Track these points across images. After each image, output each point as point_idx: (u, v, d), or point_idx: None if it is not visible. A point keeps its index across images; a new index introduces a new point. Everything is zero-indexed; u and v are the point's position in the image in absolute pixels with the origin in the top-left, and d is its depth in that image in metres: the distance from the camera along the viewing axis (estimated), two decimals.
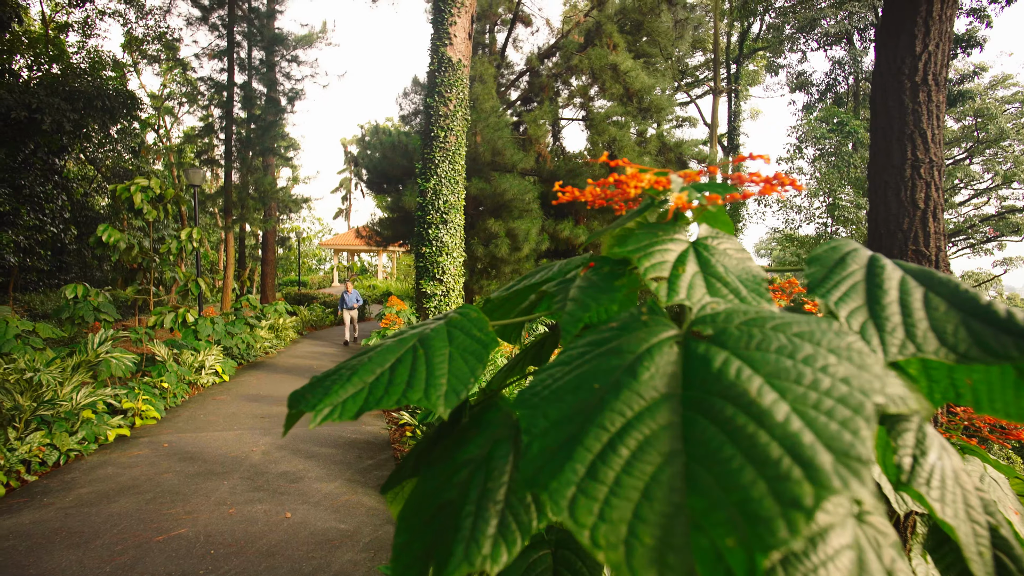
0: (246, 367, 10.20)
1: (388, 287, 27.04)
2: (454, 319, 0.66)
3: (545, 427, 0.44)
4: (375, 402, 0.56)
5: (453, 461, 0.55)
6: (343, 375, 0.61)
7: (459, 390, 0.54)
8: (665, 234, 0.61)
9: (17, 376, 4.58)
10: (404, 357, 0.61)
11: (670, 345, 0.47)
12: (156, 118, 24.33)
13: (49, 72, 16.92)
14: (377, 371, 0.60)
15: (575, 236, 14.15)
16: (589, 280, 0.62)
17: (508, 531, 0.47)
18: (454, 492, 0.52)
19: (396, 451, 5.08)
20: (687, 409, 0.42)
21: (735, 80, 24.73)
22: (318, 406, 0.57)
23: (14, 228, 14.35)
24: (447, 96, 7.85)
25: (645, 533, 0.38)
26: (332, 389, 0.59)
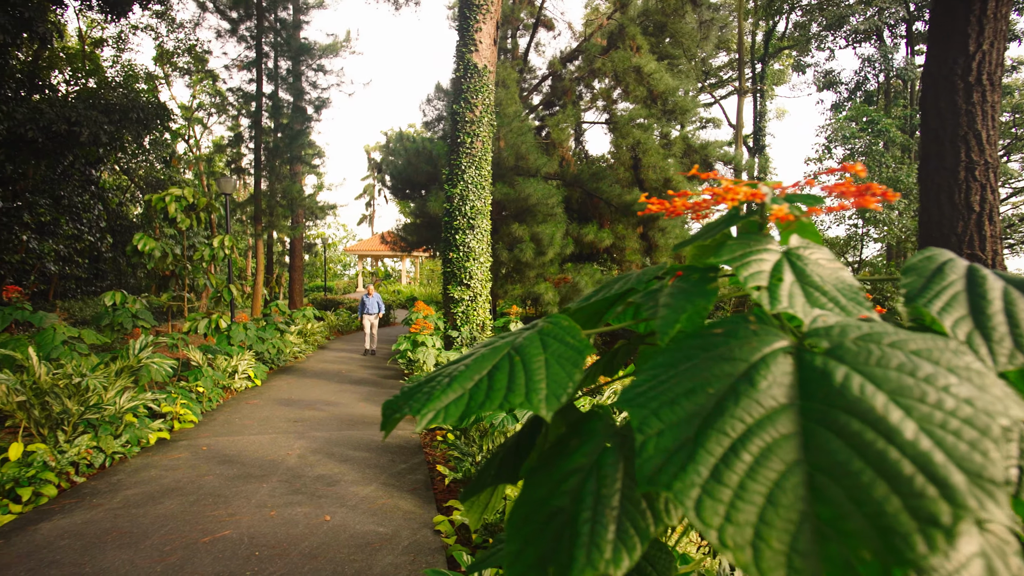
0: (277, 372, 10.38)
1: (412, 291, 27.26)
2: (546, 328, 0.68)
3: (660, 428, 0.46)
4: (477, 407, 0.58)
5: (559, 469, 0.56)
6: (442, 382, 0.64)
7: (559, 394, 0.56)
8: (757, 244, 0.62)
9: (66, 381, 4.74)
10: (501, 364, 0.63)
11: (784, 355, 0.48)
12: (186, 128, 24.96)
13: (86, 86, 17.49)
14: (475, 377, 0.62)
15: (600, 240, 14.11)
16: (680, 288, 0.63)
17: (627, 536, 0.49)
18: (565, 500, 0.53)
19: (427, 455, 5.12)
20: (807, 420, 0.44)
21: (760, 80, 24.41)
22: (422, 411, 0.60)
23: (54, 237, 14.84)
24: (473, 102, 7.91)
25: (772, 537, 0.39)
26: (434, 395, 0.61)
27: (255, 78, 16.14)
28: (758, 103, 24.63)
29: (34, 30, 10.79)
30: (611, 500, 0.52)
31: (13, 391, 4.61)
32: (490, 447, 3.99)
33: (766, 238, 0.63)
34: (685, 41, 16.88)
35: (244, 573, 2.77)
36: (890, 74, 19.44)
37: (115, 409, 5.05)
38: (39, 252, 13.88)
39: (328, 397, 7.89)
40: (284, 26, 16.53)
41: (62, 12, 14.65)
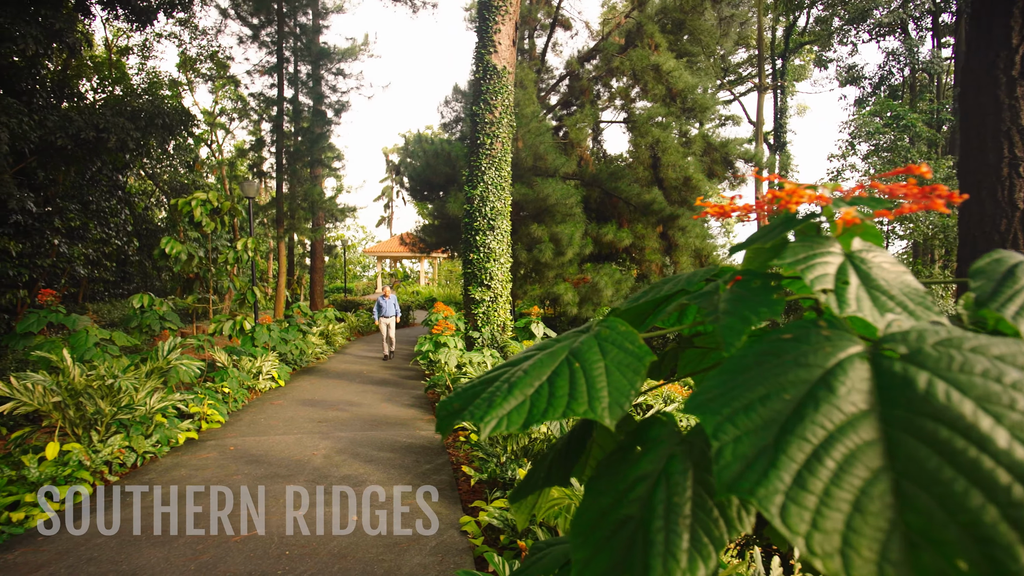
0: (299, 372, 10.50)
1: (430, 292, 27.41)
2: (603, 333, 0.68)
3: (736, 434, 0.46)
4: (540, 415, 0.59)
5: (624, 477, 0.56)
6: (501, 388, 0.64)
7: (622, 402, 0.56)
8: (819, 246, 0.61)
9: (100, 382, 4.85)
10: (560, 370, 0.63)
11: (860, 360, 0.48)
12: (209, 133, 25.38)
13: (112, 93, 17.87)
14: (535, 384, 0.62)
15: (619, 239, 14.04)
16: (741, 293, 0.63)
17: (701, 545, 0.48)
18: (634, 508, 0.53)
19: (451, 455, 5.14)
20: (890, 427, 0.43)
21: (781, 76, 24.10)
22: (485, 418, 0.60)
23: (84, 242, 15.17)
24: (492, 103, 7.93)
25: (862, 546, 0.39)
26: (495, 402, 0.62)
27: (276, 83, 16.37)
28: (778, 99, 24.32)
29: (64, 40, 11.05)
30: (683, 508, 0.51)
31: (49, 392, 4.73)
32: (514, 448, 4.00)
33: (827, 241, 0.62)
34: (704, 38, 16.74)
35: (276, 572, 2.81)
36: (916, 68, 19.05)
37: (146, 410, 5.15)
38: (69, 256, 14.21)
39: (351, 398, 7.96)
40: (304, 31, 16.73)
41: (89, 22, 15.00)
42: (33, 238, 13.04)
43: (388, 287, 12.14)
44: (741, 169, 16.51)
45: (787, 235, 0.72)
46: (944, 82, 19.14)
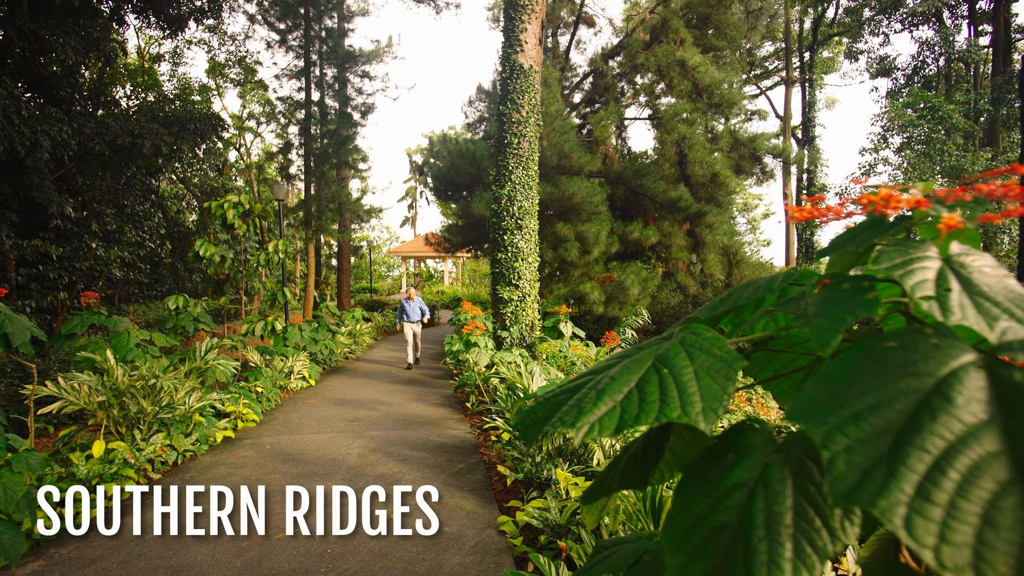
0: (329, 372, 10.65)
1: (456, 292, 27.56)
2: (689, 339, 0.68)
3: (847, 444, 0.46)
4: (632, 419, 0.59)
5: (719, 484, 0.56)
6: (589, 396, 0.64)
7: (715, 407, 0.56)
8: (915, 251, 0.60)
9: (142, 382, 4.99)
10: (648, 376, 0.63)
11: (975, 369, 0.47)
12: (237, 137, 25.88)
13: (146, 100, 18.35)
14: (624, 390, 0.63)
15: (645, 237, 13.93)
16: (831, 295, 0.62)
17: (805, 555, 0.48)
18: (730, 515, 0.53)
19: (483, 455, 5.16)
20: (1015, 438, 0.43)
21: (809, 69, 23.62)
22: (577, 424, 0.61)
23: (119, 245, 15.60)
24: (519, 103, 7.93)
25: (997, 560, 0.38)
26: (585, 408, 0.62)
27: (304, 87, 16.62)
28: (806, 93, 23.85)
29: (101, 49, 11.38)
30: (784, 517, 0.51)
31: (94, 391, 4.88)
32: (549, 448, 4.00)
33: (922, 245, 0.61)
34: (730, 32, 16.50)
35: (319, 569, 2.86)
36: (951, 57, 18.49)
37: (185, 409, 5.28)
38: (106, 259, 14.61)
39: (380, 397, 8.04)
40: (330, 34, 16.96)
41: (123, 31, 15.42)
42: (72, 242, 13.45)
43: (412, 288, 11.12)
44: (769, 165, 16.24)
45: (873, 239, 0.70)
46: (981, 71, 18.53)
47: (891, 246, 0.61)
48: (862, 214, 0.67)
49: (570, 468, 3.67)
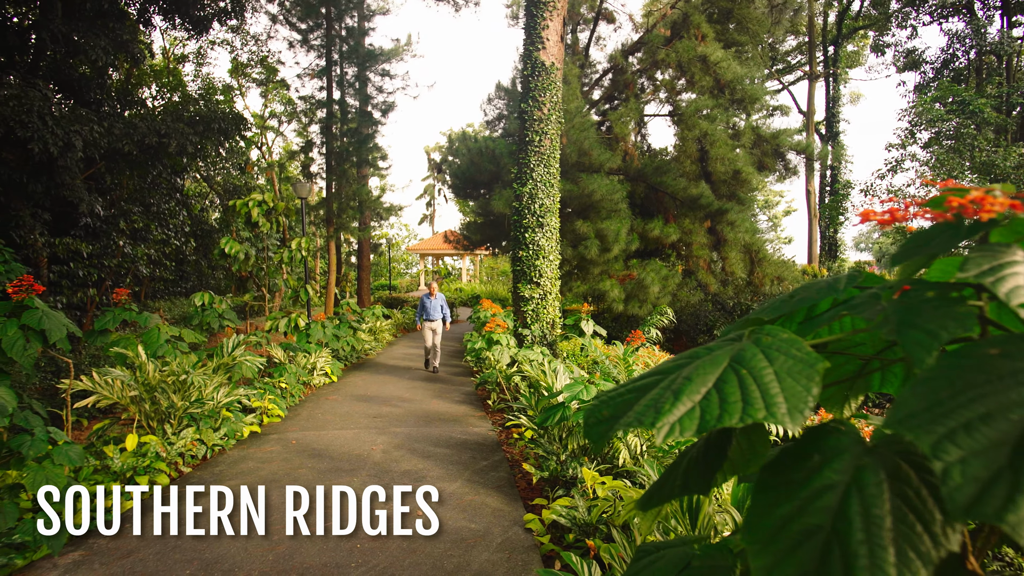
0: (350, 368, 10.75)
1: (474, 289, 27.63)
2: (765, 340, 0.67)
3: (961, 455, 0.45)
4: (714, 420, 0.58)
5: (806, 486, 0.55)
6: (666, 396, 0.64)
7: (801, 408, 0.55)
8: (1004, 256, 0.58)
9: (173, 378, 5.08)
10: (726, 377, 0.62)
11: None
12: (259, 136, 26.20)
13: (171, 100, 18.66)
14: (702, 390, 0.62)
15: (666, 235, 13.82)
16: (914, 303, 0.61)
17: (908, 560, 0.47)
18: (821, 518, 0.52)
19: (506, 452, 5.17)
20: None
21: (833, 63, 23.21)
22: (657, 424, 0.60)
23: (146, 242, 15.91)
24: (541, 100, 7.91)
25: None
26: (663, 409, 0.61)
27: (325, 86, 16.76)
28: (831, 88, 23.43)
29: (128, 51, 11.59)
30: (883, 521, 0.50)
31: (127, 386, 4.99)
32: (575, 447, 3.99)
33: (1008, 249, 0.59)
34: (753, 26, 16.28)
35: (349, 564, 2.89)
36: (983, 50, 17.99)
37: (214, 404, 5.37)
38: (133, 256, 14.90)
39: (402, 394, 8.10)
40: (351, 33, 17.07)
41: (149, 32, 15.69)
42: (101, 240, 13.73)
43: (434, 284, 9.85)
44: (793, 161, 16.00)
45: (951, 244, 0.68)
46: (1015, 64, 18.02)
47: (977, 251, 0.59)
48: (942, 217, 0.65)
49: (596, 467, 3.66)
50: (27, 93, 9.00)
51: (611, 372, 4.14)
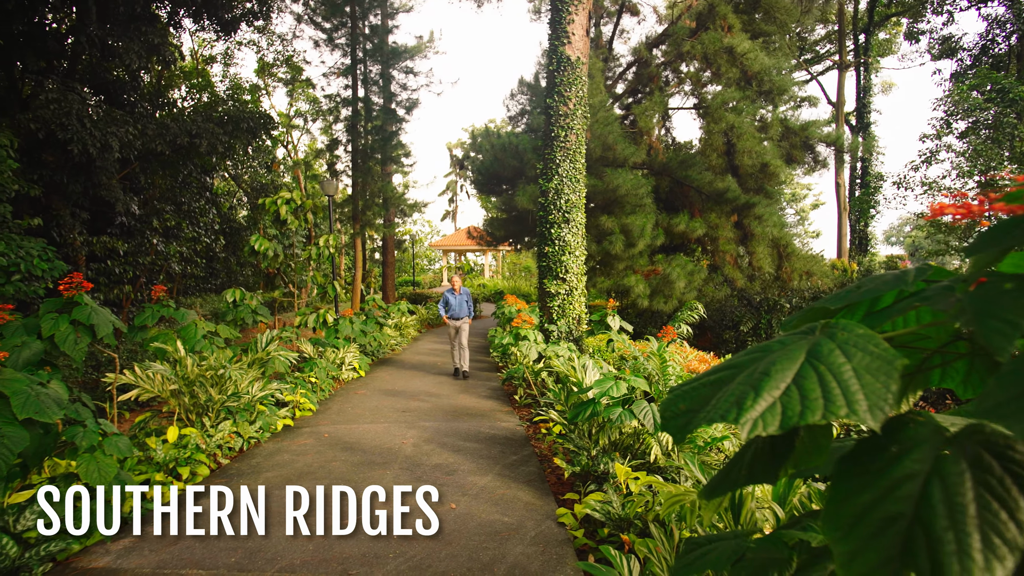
0: (377, 363, 10.88)
1: (497, 285, 27.70)
2: (840, 336, 0.68)
3: None
4: (796, 416, 0.60)
5: (886, 475, 0.57)
6: (747, 392, 0.65)
7: (881, 406, 0.56)
8: None
9: (212, 372, 5.22)
10: (805, 373, 0.64)
11: None
12: (285, 135, 26.59)
13: (200, 100, 19.04)
14: (781, 386, 0.64)
15: (691, 230, 13.68)
16: (991, 294, 0.61)
17: (994, 546, 0.48)
18: (903, 506, 0.54)
19: (535, 447, 5.20)
20: None
21: (864, 52, 22.65)
22: (740, 419, 0.62)
23: (178, 240, 16.30)
24: (566, 95, 7.90)
25: None
26: (745, 405, 0.63)
27: (351, 84, 16.94)
28: (861, 77, 22.87)
29: (160, 53, 11.85)
30: (967, 508, 0.51)
31: (167, 380, 5.14)
32: (605, 443, 4.00)
33: None
34: (780, 16, 15.98)
35: (387, 555, 2.95)
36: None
37: (249, 398, 5.51)
38: (166, 254, 15.28)
39: (429, 388, 8.18)
40: (375, 31, 17.22)
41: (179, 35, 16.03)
42: (135, 238, 14.11)
43: (456, 277, 9.11)
44: (822, 153, 15.70)
45: None
46: None
47: None
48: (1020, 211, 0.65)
49: (628, 462, 3.67)
50: (66, 97, 9.28)
51: (645, 367, 4.14)
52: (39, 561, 2.83)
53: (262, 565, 2.88)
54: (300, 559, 2.94)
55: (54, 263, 8.43)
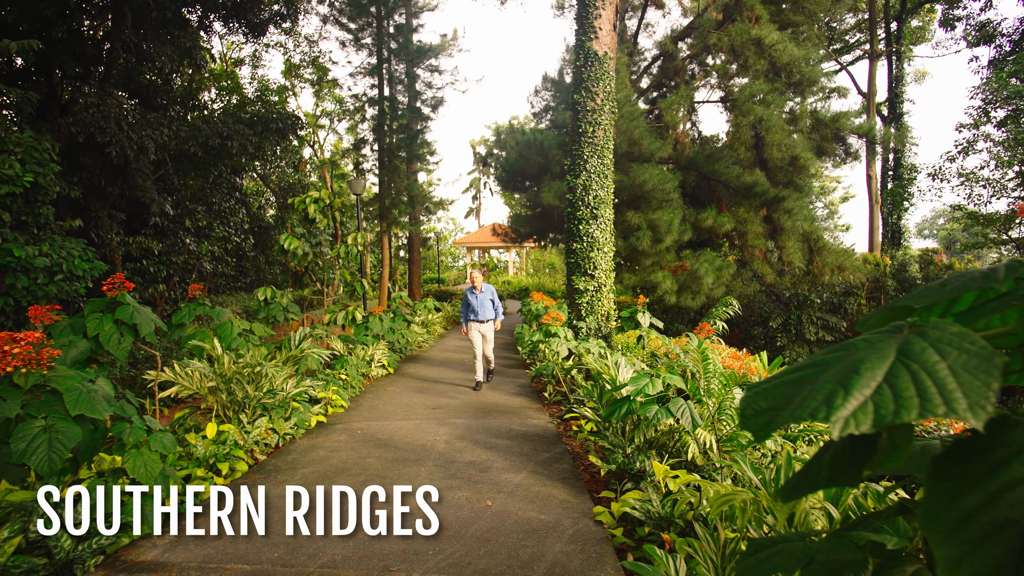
0: (405, 360, 10.97)
1: (521, 282, 27.71)
2: (933, 334, 0.66)
3: None
4: (889, 415, 0.58)
5: (993, 478, 0.55)
6: (833, 390, 0.64)
7: (983, 404, 0.55)
8: None
9: (249, 369, 5.33)
10: (896, 371, 0.62)
11: None
12: (311, 134, 26.94)
13: (229, 102, 19.40)
14: (872, 384, 0.62)
15: (719, 225, 13.50)
16: None
17: None
18: (1014, 511, 0.52)
19: (567, 444, 5.19)
20: None
21: (896, 40, 22.03)
22: (832, 417, 0.61)
23: (209, 240, 16.65)
24: (594, 91, 7.84)
25: None
26: (835, 404, 0.62)
27: (377, 83, 17.09)
28: (893, 66, 22.25)
29: (192, 57, 12.10)
30: None
31: (205, 377, 5.26)
32: (640, 441, 3.98)
33: None
34: (809, 6, 15.64)
35: (427, 552, 2.98)
36: None
37: (284, 395, 5.60)
38: (198, 253, 15.62)
39: (457, 385, 8.22)
40: (400, 31, 17.33)
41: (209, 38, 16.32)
42: (169, 238, 14.44)
43: (476, 272, 7.74)
44: (854, 145, 15.33)
45: None
46: None
47: None
48: None
49: (666, 461, 3.64)
50: (104, 101, 9.53)
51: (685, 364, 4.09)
52: (92, 554, 2.92)
53: (304, 561, 2.93)
54: (341, 555, 2.98)
55: (94, 263, 8.67)
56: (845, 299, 16.40)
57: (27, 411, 2.81)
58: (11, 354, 2.77)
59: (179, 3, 11.37)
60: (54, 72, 10.61)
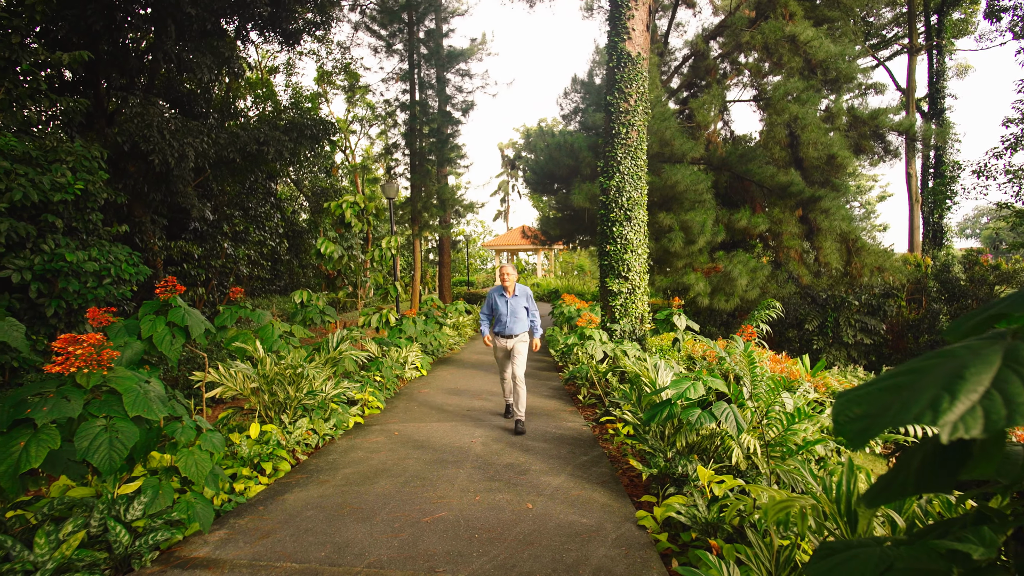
0: (437, 362, 11.05)
1: (551, 284, 27.66)
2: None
3: None
4: (1002, 419, 0.58)
5: None
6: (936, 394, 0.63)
7: None
8: None
9: (291, 371, 5.44)
10: (1005, 377, 0.61)
11: None
12: (343, 139, 27.39)
13: (264, 110, 19.86)
14: (980, 390, 0.62)
15: (754, 225, 13.25)
16: None
17: None
18: None
19: (604, 448, 5.16)
20: None
21: (937, 34, 21.35)
22: (939, 422, 0.60)
23: (245, 244, 17.06)
24: (627, 92, 7.79)
25: None
26: (941, 408, 0.61)
27: (408, 88, 17.29)
28: (934, 61, 21.56)
29: (230, 66, 12.43)
30: None
31: (248, 379, 5.39)
32: (682, 445, 3.93)
33: None
34: (845, 1, 15.29)
35: (471, 553, 2.99)
36: None
37: (323, 396, 5.70)
38: (235, 257, 16.02)
39: (490, 388, 8.25)
40: (431, 36, 17.50)
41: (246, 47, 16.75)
42: (207, 242, 14.84)
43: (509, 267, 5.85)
44: (893, 143, 14.90)
45: None
46: None
47: None
48: None
49: (709, 466, 3.59)
50: (147, 110, 9.86)
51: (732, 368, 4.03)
52: (148, 549, 3.01)
53: (351, 560, 2.98)
54: (387, 555, 3.01)
55: (139, 267, 8.96)
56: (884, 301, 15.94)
57: (88, 410, 2.92)
58: (74, 355, 2.88)
59: (218, 14, 11.69)
60: (100, 83, 11.01)
